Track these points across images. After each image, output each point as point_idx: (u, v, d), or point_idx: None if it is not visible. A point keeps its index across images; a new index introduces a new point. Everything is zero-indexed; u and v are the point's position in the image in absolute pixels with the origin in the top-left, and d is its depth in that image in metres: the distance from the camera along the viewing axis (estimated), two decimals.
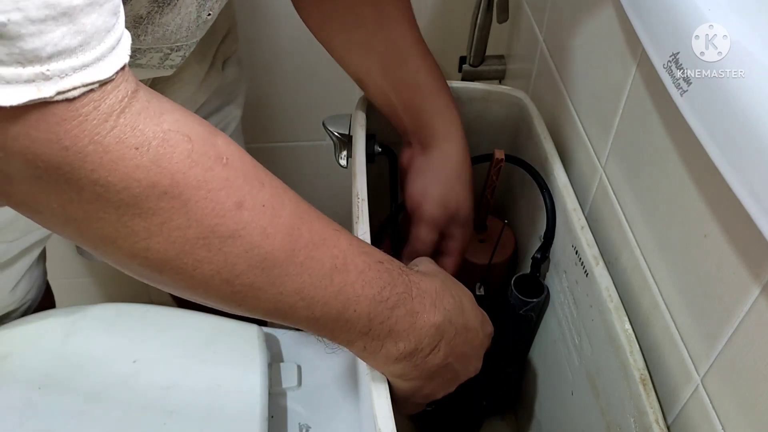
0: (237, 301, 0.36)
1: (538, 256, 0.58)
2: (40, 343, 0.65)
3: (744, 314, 0.35)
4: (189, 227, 0.32)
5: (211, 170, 0.33)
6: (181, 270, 0.34)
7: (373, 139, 0.62)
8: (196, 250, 0.33)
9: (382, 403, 0.42)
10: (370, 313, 0.40)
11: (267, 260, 0.35)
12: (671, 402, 0.44)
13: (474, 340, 0.47)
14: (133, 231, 0.32)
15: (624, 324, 0.47)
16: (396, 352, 0.42)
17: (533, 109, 0.65)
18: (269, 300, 0.37)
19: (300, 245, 0.36)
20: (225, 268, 0.34)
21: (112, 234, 0.32)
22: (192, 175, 0.32)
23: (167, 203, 0.32)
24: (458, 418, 0.72)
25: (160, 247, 0.33)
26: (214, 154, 0.33)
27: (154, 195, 0.31)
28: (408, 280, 0.42)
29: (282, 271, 0.36)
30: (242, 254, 0.34)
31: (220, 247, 0.34)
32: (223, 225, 0.33)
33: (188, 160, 0.32)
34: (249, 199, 0.34)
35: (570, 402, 0.57)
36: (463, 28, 0.79)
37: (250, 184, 0.35)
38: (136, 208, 0.31)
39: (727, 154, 0.32)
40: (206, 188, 0.33)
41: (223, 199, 0.33)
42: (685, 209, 0.41)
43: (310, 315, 0.38)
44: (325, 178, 1.03)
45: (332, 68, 0.91)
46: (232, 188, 0.34)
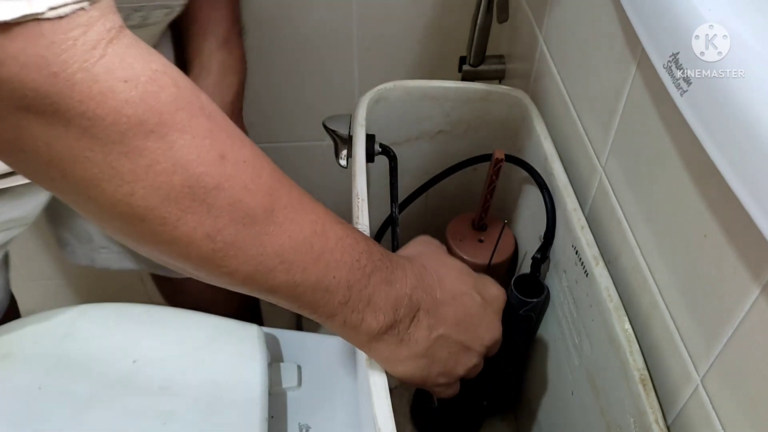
0: (217, 261, 0.35)
1: (538, 256, 0.58)
2: (40, 343, 0.65)
3: (744, 314, 0.35)
4: (174, 173, 0.32)
5: (196, 117, 0.33)
6: (164, 220, 0.33)
7: (373, 139, 0.62)
8: (180, 199, 0.33)
9: (382, 403, 0.41)
10: (349, 280, 0.40)
11: (248, 216, 0.35)
12: (671, 402, 0.44)
13: (470, 305, 0.47)
14: (119, 173, 0.31)
15: (624, 324, 0.47)
16: (376, 325, 0.42)
17: (533, 109, 0.65)
18: (249, 261, 0.36)
19: (280, 206, 0.36)
20: (208, 220, 0.34)
21: (96, 176, 0.31)
22: (178, 118, 0.32)
23: (153, 143, 0.31)
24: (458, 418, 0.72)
25: (145, 193, 0.32)
26: (198, 104, 0.34)
27: (141, 133, 0.31)
28: (381, 250, 0.43)
29: (262, 230, 0.36)
30: (225, 207, 0.34)
31: (204, 197, 0.33)
32: (208, 174, 0.33)
33: (175, 103, 0.32)
34: (231, 153, 0.34)
35: (570, 402, 0.57)
36: (463, 28, 0.79)
37: (231, 139, 0.35)
38: (123, 146, 0.31)
39: (727, 154, 0.32)
40: (191, 134, 0.32)
41: (207, 147, 0.33)
42: (685, 209, 0.41)
43: (290, 280, 0.38)
44: (325, 178, 1.03)
45: (332, 68, 0.91)
46: (216, 139, 0.34)
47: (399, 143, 0.69)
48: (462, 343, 0.47)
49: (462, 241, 0.68)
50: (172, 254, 0.35)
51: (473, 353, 0.48)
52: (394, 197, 0.62)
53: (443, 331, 0.45)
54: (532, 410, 0.68)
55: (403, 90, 0.66)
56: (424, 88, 0.66)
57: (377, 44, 0.89)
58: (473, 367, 0.48)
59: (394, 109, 0.67)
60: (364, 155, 0.59)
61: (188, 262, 0.36)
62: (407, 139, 0.70)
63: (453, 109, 0.68)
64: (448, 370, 0.47)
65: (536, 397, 0.67)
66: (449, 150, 0.71)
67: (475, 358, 0.48)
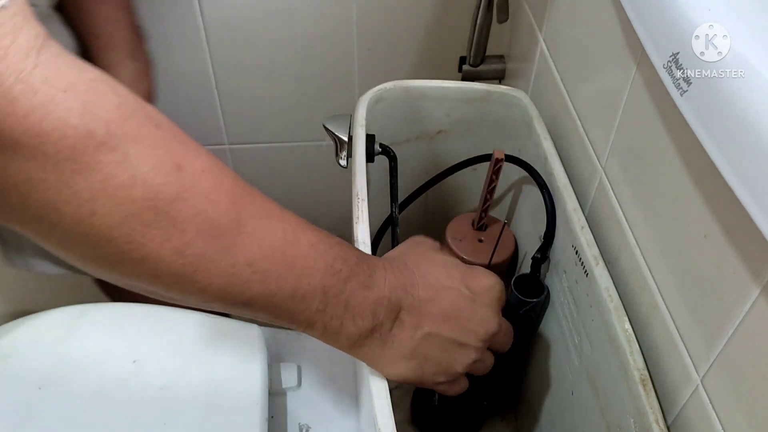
0: (189, 276, 0.34)
1: (538, 256, 0.58)
2: (40, 343, 0.65)
3: (744, 314, 0.35)
4: (133, 186, 0.31)
5: (145, 126, 0.32)
6: (130, 238, 0.32)
7: (373, 139, 0.62)
8: (143, 213, 0.31)
9: (382, 403, 0.41)
10: (324, 286, 0.39)
11: (215, 227, 0.34)
12: (671, 402, 0.44)
13: (457, 299, 0.45)
14: (76, 192, 0.30)
15: (624, 324, 0.47)
16: (356, 330, 0.41)
17: (533, 109, 0.65)
18: (222, 274, 0.35)
19: (246, 215, 0.36)
20: (174, 234, 0.33)
21: (54, 198, 0.30)
22: (127, 128, 0.31)
23: (105, 156, 0.30)
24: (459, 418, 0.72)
25: (105, 211, 0.31)
26: (144, 112, 0.32)
27: (91, 146, 0.30)
28: (358, 253, 0.42)
29: (231, 241, 0.35)
30: (189, 219, 0.33)
31: (167, 210, 0.32)
32: (167, 185, 0.32)
33: (119, 111, 0.31)
34: (187, 162, 0.33)
35: (570, 402, 0.57)
36: (463, 28, 0.79)
37: (186, 148, 0.34)
38: (75, 162, 0.29)
39: (727, 154, 0.32)
40: (143, 143, 0.31)
41: (161, 157, 0.32)
42: (685, 209, 0.41)
43: (265, 290, 0.37)
44: (325, 178, 1.04)
45: (332, 68, 0.91)
46: (169, 148, 0.32)
47: (399, 143, 0.69)
48: (453, 340, 0.45)
49: (462, 241, 0.68)
50: (143, 275, 0.34)
51: (469, 349, 0.46)
52: (394, 197, 0.62)
53: (429, 329, 0.44)
54: (532, 410, 0.68)
55: (403, 90, 0.66)
56: (424, 88, 0.66)
57: (377, 44, 0.89)
58: (474, 362, 0.47)
59: (394, 109, 0.67)
60: (364, 155, 0.59)
61: (160, 281, 0.35)
62: (407, 139, 0.70)
63: (453, 109, 0.68)
64: (444, 369, 0.45)
65: (536, 397, 0.67)
66: (449, 150, 0.71)
67: (472, 353, 0.46)
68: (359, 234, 0.51)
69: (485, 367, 0.49)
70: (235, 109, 0.95)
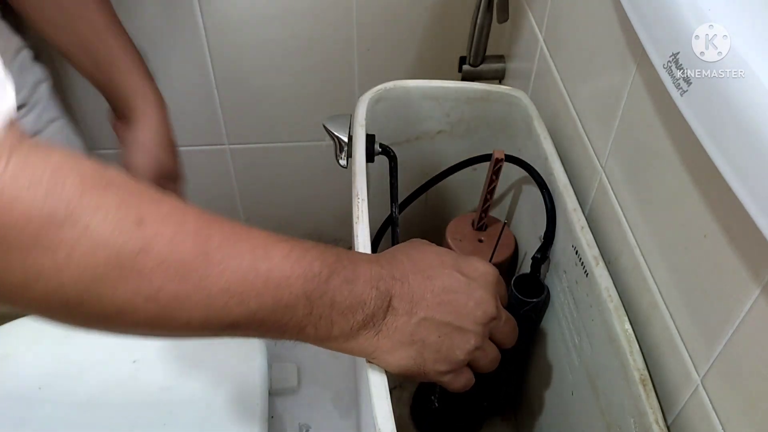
0: (168, 317, 0.36)
1: (538, 256, 0.58)
2: (40, 344, 0.65)
3: (744, 314, 0.35)
4: (95, 252, 0.33)
5: (104, 193, 0.34)
6: (101, 298, 0.34)
7: (373, 139, 0.62)
8: (108, 273, 0.33)
9: (382, 403, 0.41)
10: (306, 291, 0.40)
11: (182, 267, 0.36)
12: (671, 402, 0.44)
13: (451, 283, 0.45)
14: (42, 271, 0.32)
15: (624, 324, 0.47)
16: (347, 324, 0.42)
17: (533, 109, 0.65)
18: (199, 307, 0.37)
19: (212, 246, 0.37)
20: (143, 284, 0.35)
21: (23, 280, 0.32)
22: (86, 201, 0.33)
23: (68, 232, 0.32)
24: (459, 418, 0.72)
25: (71, 280, 0.33)
26: (105, 180, 0.34)
27: (53, 227, 0.32)
28: (337, 251, 0.43)
29: (202, 275, 0.36)
30: (156, 267, 0.35)
31: (131, 264, 0.34)
32: (129, 242, 0.34)
33: (81, 187, 0.33)
34: (148, 214, 0.35)
35: (570, 402, 0.57)
36: (463, 28, 0.79)
37: (146, 201, 0.36)
38: (39, 246, 0.32)
39: (727, 154, 0.32)
40: (103, 210, 0.33)
41: (122, 217, 0.34)
42: (685, 209, 0.41)
43: (246, 311, 0.38)
44: (325, 178, 1.04)
45: (332, 68, 0.91)
46: (130, 207, 0.34)
47: (399, 143, 0.69)
48: (450, 324, 0.45)
49: (462, 241, 0.68)
50: (123, 325, 0.36)
51: (468, 333, 0.45)
52: (394, 197, 0.62)
53: (424, 314, 0.44)
54: (532, 410, 0.68)
55: (403, 90, 0.66)
56: (424, 88, 0.66)
57: (377, 44, 0.89)
58: (475, 350, 0.46)
59: (394, 109, 0.67)
60: (364, 155, 0.59)
61: (140, 327, 0.36)
62: (407, 139, 0.70)
63: (453, 109, 0.68)
64: (444, 355, 0.45)
65: (536, 397, 0.67)
66: (449, 150, 0.71)
67: (471, 338, 0.45)
68: (359, 234, 0.51)
69: (488, 360, 0.48)
70: (235, 109, 0.95)
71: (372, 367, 0.44)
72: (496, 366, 0.49)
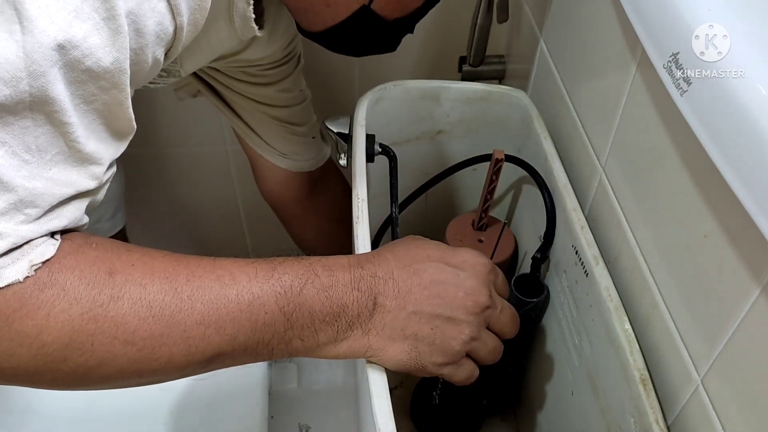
0: (147, 357, 0.37)
1: (538, 256, 0.58)
2: None
3: (744, 314, 0.35)
4: (71, 307, 0.35)
5: (83, 253, 0.36)
6: (81, 350, 0.36)
7: (373, 139, 0.62)
8: (85, 325, 0.35)
9: (382, 403, 0.41)
10: (281, 307, 0.40)
11: (154, 306, 0.37)
12: (671, 402, 0.44)
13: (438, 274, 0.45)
14: (25, 333, 0.34)
15: (624, 324, 0.47)
16: (333, 331, 0.42)
17: (533, 109, 0.65)
18: (178, 342, 0.38)
19: (180, 282, 0.39)
20: (118, 330, 0.36)
21: (8, 347, 0.34)
22: (66, 262, 0.35)
23: (48, 292, 0.34)
24: (459, 417, 0.72)
25: (52, 338, 0.35)
26: (83, 241, 0.37)
27: (36, 289, 0.34)
28: (310, 261, 0.43)
29: (174, 311, 0.38)
30: (128, 311, 0.36)
31: (105, 313, 0.36)
32: (101, 293, 0.36)
33: (61, 253, 0.35)
34: (119, 264, 0.37)
35: (570, 402, 0.57)
36: (463, 28, 0.79)
37: (117, 253, 0.38)
38: (23, 310, 0.34)
39: (727, 154, 0.32)
40: (79, 268, 0.36)
41: (95, 272, 0.36)
42: (685, 209, 0.41)
43: (226, 338, 0.39)
44: None
45: (332, 68, 0.91)
46: (102, 261, 0.37)
47: (399, 143, 0.69)
48: (440, 315, 0.45)
49: (462, 241, 0.68)
50: (106, 374, 0.37)
51: (461, 324, 0.45)
52: (394, 197, 0.62)
53: (413, 308, 0.44)
54: (532, 410, 0.68)
55: (403, 90, 0.66)
56: (424, 88, 0.66)
57: None
58: (471, 340, 0.46)
59: (394, 109, 0.67)
60: (364, 155, 0.59)
61: (126, 375, 0.38)
62: (407, 139, 0.70)
63: (453, 109, 0.68)
64: (439, 347, 0.45)
65: (536, 397, 0.67)
66: (449, 150, 0.71)
67: (465, 328, 0.45)
68: (359, 234, 0.51)
69: (488, 350, 0.47)
70: None
71: (372, 366, 0.44)
72: (498, 356, 0.48)
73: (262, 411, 0.60)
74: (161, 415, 0.60)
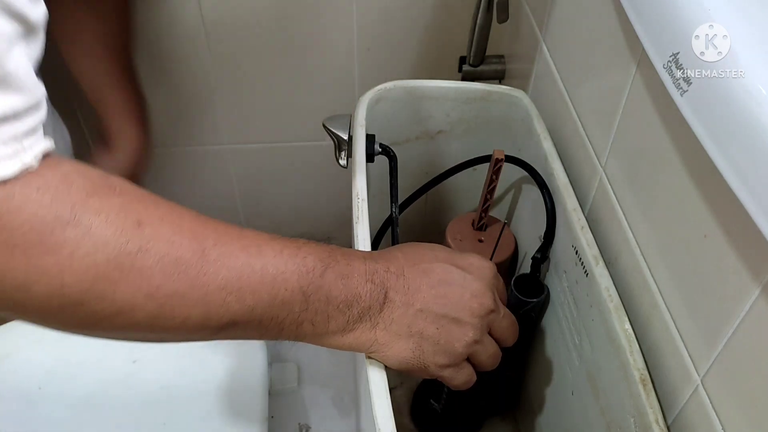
0: (166, 315, 0.37)
1: (538, 256, 0.58)
2: (40, 343, 0.65)
3: (744, 314, 0.35)
4: (97, 252, 0.34)
5: (108, 198, 0.35)
6: (101, 297, 0.35)
7: (373, 139, 0.62)
8: (109, 273, 0.34)
9: (382, 403, 0.41)
10: (302, 287, 0.41)
11: (180, 264, 0.37)
12: (671, 402, 0.44)
13: (445, 275, 0.46)
14: (45, 271, 0.33)
15: (624, 324, 0.47)
16: (343, 318, 0.42)
17: (533, 109, 0.65)
18: (198, 304, 0.37)
19: (208, 244, 0.38)
20: (143, 282, 0.35)
21: (24, 281, 0.33)
22: (91, 203, 0.34)
23: (71, 232, 0.33)
24: (459, 417, 0.72)
25: (74, 280, 0.34)
26: (108, 186, 0.36)
27: (58, 228, 0.33)
28: (331, 248, 0.43)
29: (199, 272, 0.37)
30: (154, 265, 0.36)
31: (131, 263, 0.35)
32: (129, 242, 0.35)
33: (85, 192, 0.34)
34: (146, 216, 0.36)
35: (570, 402, 0.57)
36: (463, 28, 0.79)
37: (144, 204, 0.37)
38: (43, 245, 0.33)
39: (727, 154, 0.32)
40: (105, 212, 0.35)
41: (122, 220, 0.35)
42: (685, 209, 0.41)
43: (243, 307, 0.39)
44: (325, 178, 1.04)
45: (332, 68, 0.91)
46: (130, 210, 0.36)
47: (399, 143, 0.69)
48: (446, 315, 0.45)
49: (462, 241, 0.68)
50: (122, 325, 0.37)
51: (465, 325, 0.45)
52: (394, 197, 0.62)
53: (421, 305, 0.44)
54: (533, 410, 0.68)
55: (403, 90, 0.66)
56: (424, 88, 0.66)
57: (377, 44, 0.89)
58: (474, 343, 0.46)
59: (394, 109, 0.67)
60: (364, 155, 0.59)
61: (139, 327, 0.37)
62: (407, 139, 0.70)
63: (453, 109, 0.68)
64: (443, 348, 0.45)
65: (536, 397, 0.67)
66: (449, 150, 0.71)
67: (470, 331, 0.45)
68: (359, 234, 0.51)
69: (488, 355, 0.47)
70: (235, 109, 0.95)
71: (372, 366, 0.44)
72: (496, 363, 0.49)
73: (262, 411, 0.60)
74: (161, 415, 0.60)
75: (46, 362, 0.63)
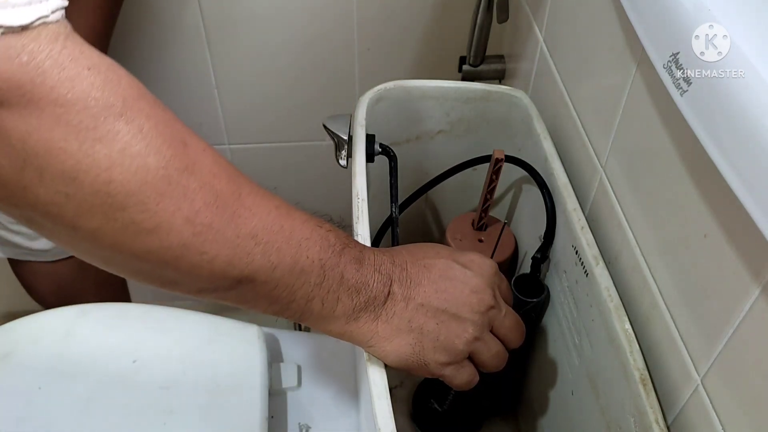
0: (198, 246, 0.36)
1: (538, 256, 0.58)
2: (40, 343, 0.65)
3: (744, 314, 0.35)
4: (148, 155, 0.33)
5: (155, 108, 0.34)
6: (144, 206, 0.33)
7: (373, 139, 0.62)
8: (156, 182, 0.33)
9: (382, 403, 0.41)
10: (321, 259, 0.41)
11: (219, 198, 0.36)
12: (671, 402, 0.44)
13: (447, 270, 0.46)
14: (95, 160, 0.32)
15: (624, 324, 0.47)
16: (351, 303, 0.43)
17: (533, 109, 0.65)
18: (228, 244, 0.37)
19: (245, 191, 0.38)
20: (185, 203, 0.35)
21: (74, 167, 0.31)
22: (142, 105, 0.33)
23: (124, 126, 0.32)
24: (459, 417, 0.72)
25: (123, 178, 0.32)
26: (152, 97, 0.35)
27: (111, 116, 0.32)
28: (346, 234, 0.44)
29: (234, 212, 0.37)
30: (198, 189, 0.35)
31: (178, 179, 0.34)
32: (176, 157, 0.34)
33: (135, 90, 0.34)
34: (191, 141, 0.36)
35: (570, 402, 0.57)
36: (463, 28, 0.79)
37: (187, 129, 0.36)
38: (96, 131, 0.31)
39: (727, 154, 0.32)
40: (155, 120, 0.34)
41: (170, 133, 0.34)
42: (685, 209, 0.41)
43: (267, 263, 0.39)
44: (325, 178, 1.04)
45: (332, 68, 0.91)
46: (175, 128, 0.35)
47: (399, 143, 0.69)
48: (446, 311, 0.45)
49: (462, 241, 0.68)
50: (152, 248, 0.35)
51: (465, 322, 0.45)
52: (394, 197, 0.62)
53: (421, 299, 0.44)
54: (533, 410, 0.68)
55: (403, 90, 0.66)
56: (424, 88, 0.66)
57: (377, 44, 0.89)
58: (475, 340, 0.46)
59: (394, 109, 0.67)
60: (364, 155, 0.59)
61: (169, 254, 0.36)
62: (407, 139, 0.70)
63: (453, 109, 0.68)
64: (443, 344, 0.45)
65: (536, 397, 0.67)
66: (449, 150, 0.71)
67: (470, 327, 0.45)
68: (359, 234, 0.51)
69: (491, 353, 0.47)
70: (235, 109, 0.95)
71: (372, 365, 0.44)
72: (502, 364, 0.48)
73: (262, 411, 0.60)
74: (161, 415, 0.60)
75: (46, 362, 0.63)
